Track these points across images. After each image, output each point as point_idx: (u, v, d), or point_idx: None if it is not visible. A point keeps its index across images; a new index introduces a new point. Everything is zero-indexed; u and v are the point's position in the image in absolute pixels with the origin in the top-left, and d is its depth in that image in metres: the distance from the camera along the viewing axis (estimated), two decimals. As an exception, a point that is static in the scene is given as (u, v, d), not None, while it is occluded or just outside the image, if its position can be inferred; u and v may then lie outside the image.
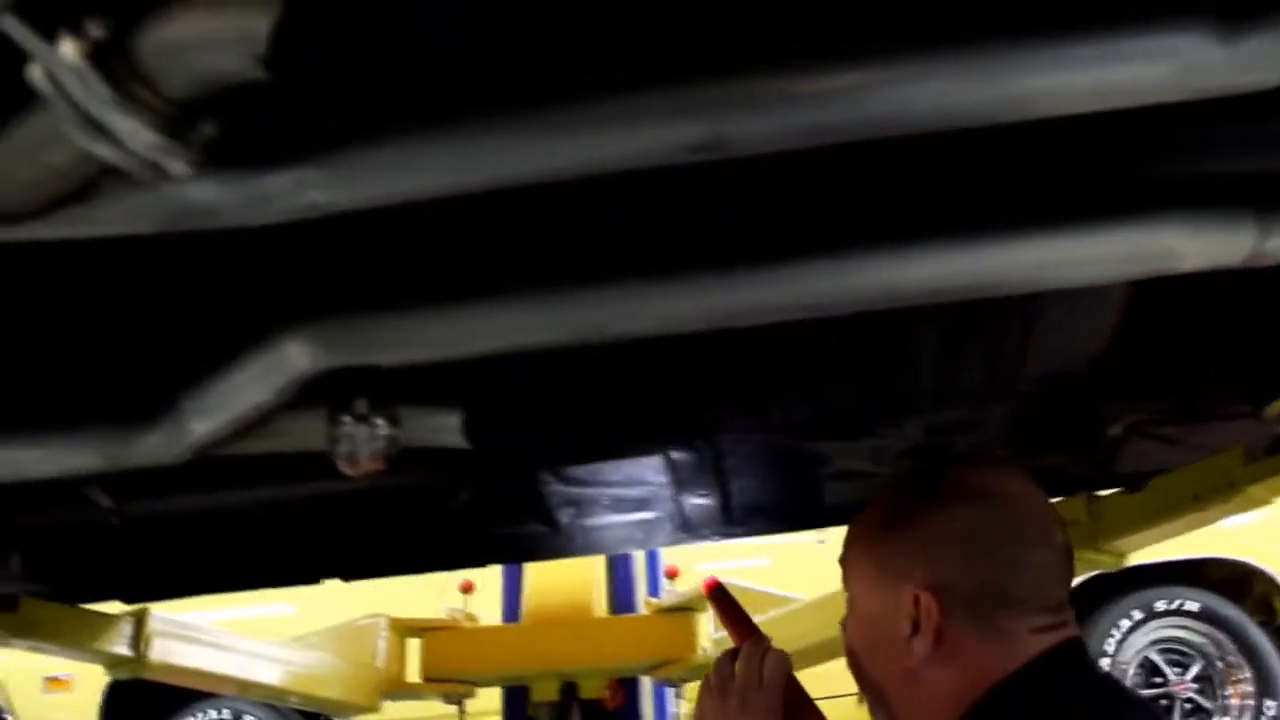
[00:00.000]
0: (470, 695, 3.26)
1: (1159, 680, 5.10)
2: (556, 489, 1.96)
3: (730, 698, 1.30)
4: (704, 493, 1.89)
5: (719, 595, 1.47)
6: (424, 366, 1.32)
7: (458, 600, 3.46)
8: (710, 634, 3.09)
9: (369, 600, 3.35)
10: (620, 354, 1.41)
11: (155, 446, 1.37)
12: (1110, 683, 1.30)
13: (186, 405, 1.33)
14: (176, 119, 0.86)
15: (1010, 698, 1.16)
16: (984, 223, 1.11)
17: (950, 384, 1.56)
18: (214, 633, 2.58)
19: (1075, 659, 1.22)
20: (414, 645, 3.22)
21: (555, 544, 2.11)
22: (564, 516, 2.06)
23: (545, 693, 3.16)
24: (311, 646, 2.98)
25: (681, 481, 1.84)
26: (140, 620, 2.33)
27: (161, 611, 2.41)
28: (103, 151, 0.87)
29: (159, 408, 1.36)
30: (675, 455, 1.72)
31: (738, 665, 1.32)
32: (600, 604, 3.34)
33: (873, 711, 1.28)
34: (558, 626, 3.16)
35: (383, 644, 3.10)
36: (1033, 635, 1.18)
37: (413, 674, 3.19)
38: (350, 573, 2.21)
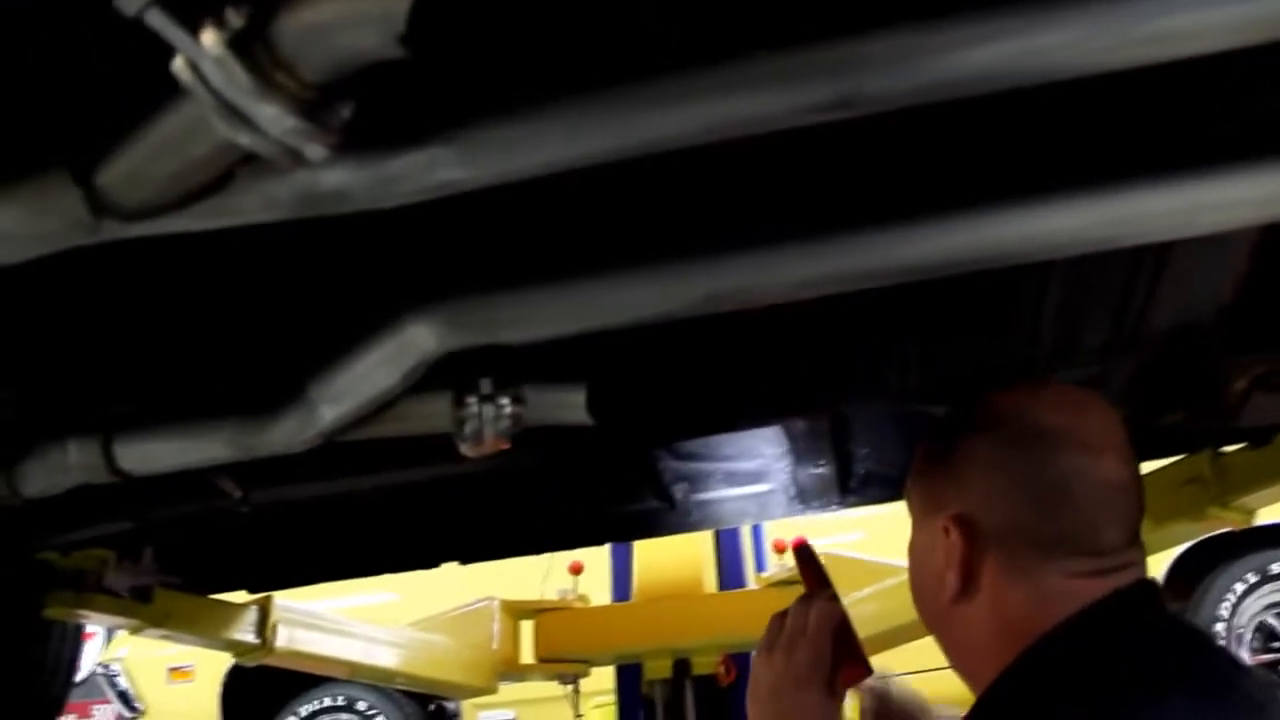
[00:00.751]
0: (584, 675, 3.28)
1: (1277, 645, 4.96)
2: (671, 464, 1.96)
3: (776, 652, 1.25)
4: (821, 462, 1.88)
5: (803, 555, 1.44)
6: (545, 344, 1.33)
7: (562, 583, 3.49)
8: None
9: (470, 587, 3.38)
10: (737, 322, 1.41)
11: (286, 434, 1.40)
12: (1184, 633, 1.09)
13: (315, 392, 1.35)
14: (315, 102, 0.87)
15: (1046, 661, 1.03)
16: (1119, 170, 1.08)
17: (1072, 341, 1.53)
18: (335, 619, 2.64)
19: (1134, 607, 1.05)
20: (527, 627, 3.26)
21: (670, 520, 2.11)
22: (678, 492, 2.06)
23: (658, 670, 3.17)
24: (428, 631, 3.03)
25: (798, 452, 1.83)
26: (265, 608, 2.38)
27: (283, 600, 2.47)
28: (244, 139, 0.88)
29: (288, 396, 1.38)
30: (792, 425, 1.71)
31: (787, 619, 1.28)
32: (710, 580, 3.35)
33: None
34: (669, 604, 3.17)
35: (497, 627, 3.14)
36: (1073, 582, 1.04)
37: (527, 655, 3.23)
38: (467, 556, 2.24)
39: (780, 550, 3.51)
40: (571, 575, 3.41)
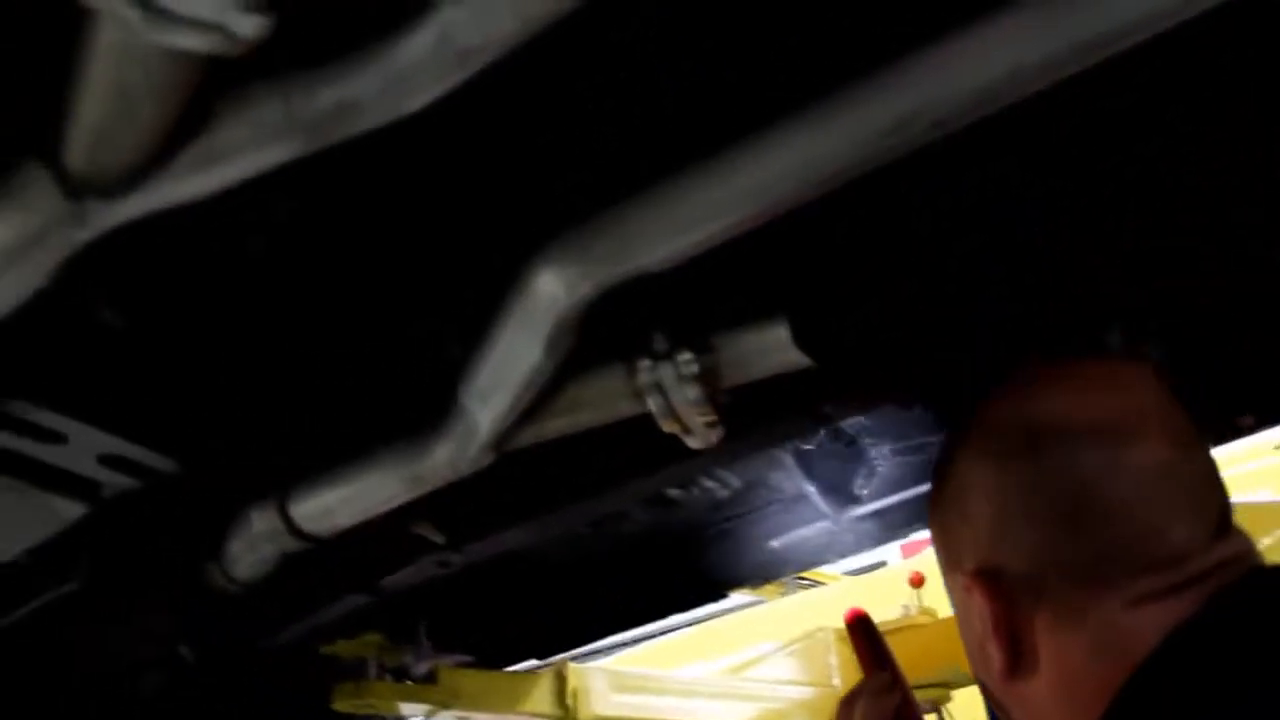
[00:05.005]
0: (944, 700, 2.87)
1: None
2: None
3: None
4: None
5: (858, 629, 1.20)
6: (726, 278, 1.03)
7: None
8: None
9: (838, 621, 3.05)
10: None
11: (451, 454, 1.18)
12: None
13: (465, 396, 1.12)
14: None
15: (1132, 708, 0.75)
16: None
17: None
18: (642, 675, 2.39)
19: (1241, 611, 0.75)
20: (870, 654, 2.89)
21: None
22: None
23: (1031, 680, 2.71)
24: (759, 673, 2.73)
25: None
26: (561, 674, 2.17)
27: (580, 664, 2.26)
28: (165, 37, 0.67)
29: (442, 410, 1.16)
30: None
31: None
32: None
33: None
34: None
35: (834, 659, 2.79)
36: (1147, 609, 0.77)
37: (876, 686, 2.85)
38: (755, 577, 1.93)
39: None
40: (912, 588, 3.01)
